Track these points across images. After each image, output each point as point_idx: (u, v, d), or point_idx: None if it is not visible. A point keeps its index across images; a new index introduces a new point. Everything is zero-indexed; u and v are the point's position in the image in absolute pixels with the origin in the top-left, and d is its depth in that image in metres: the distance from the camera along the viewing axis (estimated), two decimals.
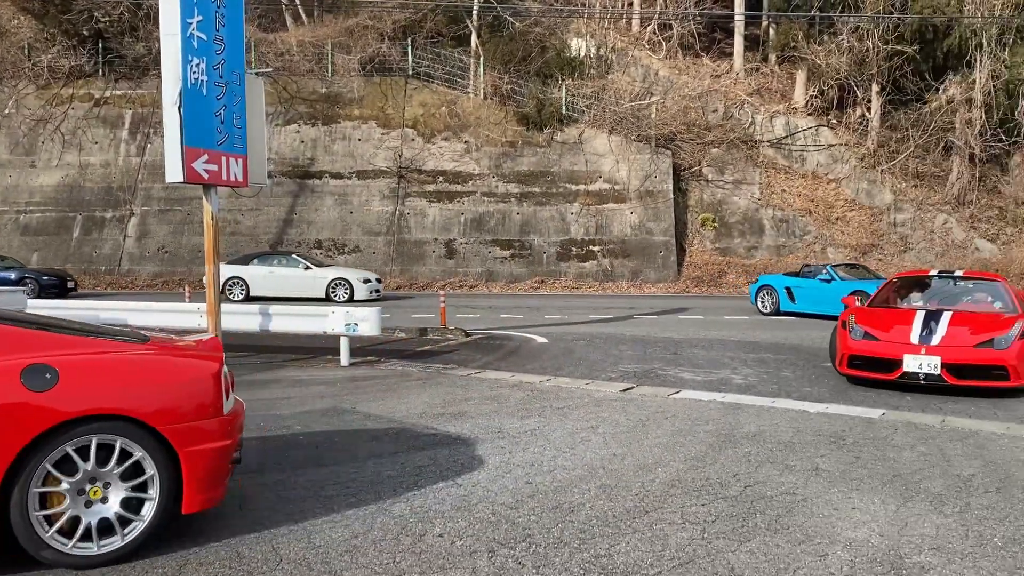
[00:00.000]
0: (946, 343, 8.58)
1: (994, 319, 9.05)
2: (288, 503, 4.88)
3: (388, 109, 28.49)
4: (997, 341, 8.50)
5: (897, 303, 10.25)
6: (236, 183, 10.71)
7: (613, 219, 27.79)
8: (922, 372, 8.48)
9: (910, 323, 9.01)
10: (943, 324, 8.84)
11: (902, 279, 11.09)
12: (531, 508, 4.78)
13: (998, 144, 29.44)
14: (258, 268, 21.67)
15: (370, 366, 10.72)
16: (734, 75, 32.66)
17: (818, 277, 17.78)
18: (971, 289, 10.26)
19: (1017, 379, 8.35)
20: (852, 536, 4.38)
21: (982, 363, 8.43)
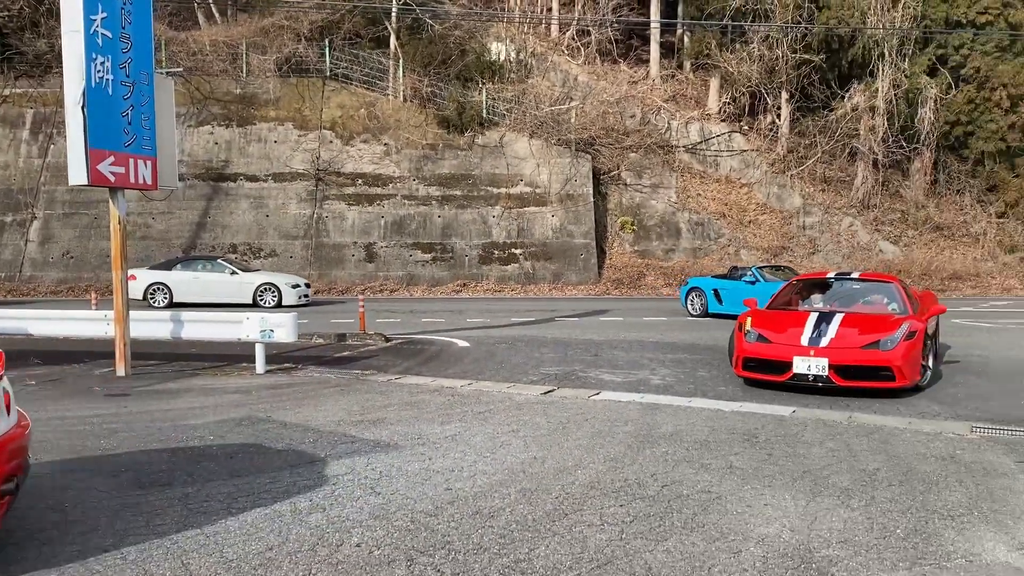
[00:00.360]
0: (834, 345, 8.69)
1: (884, 320, 9.15)
2: (199, 516, 4.73)
3: (305, 111, 28.00)
4: (883, 342, 8.59)
5: (796, 305, 10.37)
6: (145, 186, 10.36)
7: (534, 222, 27.95)
8: (811, 374, 8.59)
9: (802, 325, 9.11)
10: (834, 326, 8.96)
11: (801, 281, 11.25)
12: (451, 515, 4.75)
13: (899, 150, 30.81)
14: (182, 273, 21.08)
15: (287, 373, 10.50)
16: (651, 82, 33.29)
17: (743, 279, 17.90)
18: (867, 291, 10.40)
19: (903, 379, 8.48)
20: (764, 532, 4.49)
21: (868, 364, 8.52)
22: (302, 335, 13.36)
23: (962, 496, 5.18)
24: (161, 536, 4.38)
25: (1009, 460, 6.07)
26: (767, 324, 9.36)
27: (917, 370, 8.79)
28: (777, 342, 8.98)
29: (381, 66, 29.41)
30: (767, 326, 9.31)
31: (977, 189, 31.75)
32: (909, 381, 8.60)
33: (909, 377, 8.58)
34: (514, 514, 4.75)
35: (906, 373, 8.50)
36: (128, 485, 5.37)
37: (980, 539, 4.41)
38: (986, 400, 8.63)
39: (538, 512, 4.79)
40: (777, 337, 9.05)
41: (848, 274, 11.06)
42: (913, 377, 8.68)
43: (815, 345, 8.71)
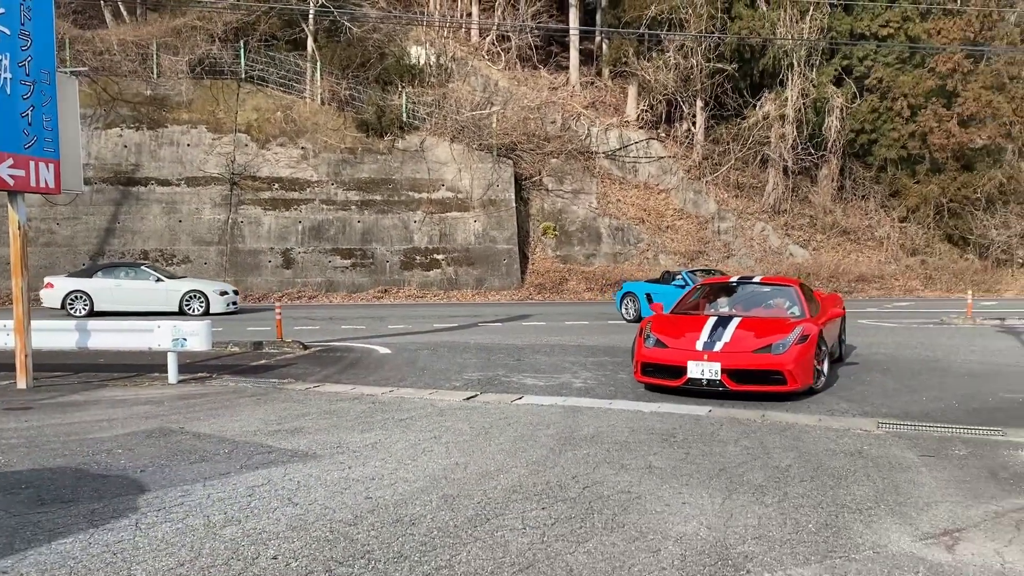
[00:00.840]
0: (727, 349, 8.66)
1: (779, 324, 9.12)
2: (105, 533, 4.53)
3: (220, 113, 27.31)
4: (775, 346, 8.57)
5: (702, 309, 10.37)
6: (47, 190, 9.92)
7: (457, 227, 27.90)
8: (704, 378, 8.56)
9: (700, 330, 9.07)
10: (730, 330, 8.95)
11: (706, 286, 11.29)
12: (371, 524, 4.67)
13: (808, 157, 31.93)
14: (103, 281, 20.39)
15: (200, 383, 10.19)
16: (570, 88, 33.67)
17: (673, 283, 17.80)
18: (768, 295, 10.45)
19: (794, 383, 8.47)
20: (683, 530, 4.56)
21: (759, 368, 8.50)
22: (217, 343, 13.03)
23: (869, 490, 5.37)
24: (64, 556, 4.18)
25: (912, 454, 6.33)
26: (666, 329, 9.35)
27: (810, 373, 8.78)
28: (673, 347, 8.96)
29: (298, 68, 28.92)
30: (666, 331, 9.29)
31: (881, 195, 33.15)
32: (801, 384, 8.59)
33: (801, 380, 8.57)
34: (435, 521, 4.71)
35: (798, 376, 8.50)
36: (29, 502, 5.11)
37: (886, 531, 4.58)
38: (891, 397, 8.99)
39: (459, 518, 4.76)
40: (674, 342, 9.03)
41: (751, 278, 11.17)
42: (806, 380, 8.68)
43: (709, 349, 8.69)
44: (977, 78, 30.71)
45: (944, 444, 6.68)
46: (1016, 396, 8.98)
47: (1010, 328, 16.80)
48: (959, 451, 6.44)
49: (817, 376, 9.02)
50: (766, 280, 11.08)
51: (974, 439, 6.88)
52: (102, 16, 32.04)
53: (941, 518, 4.81)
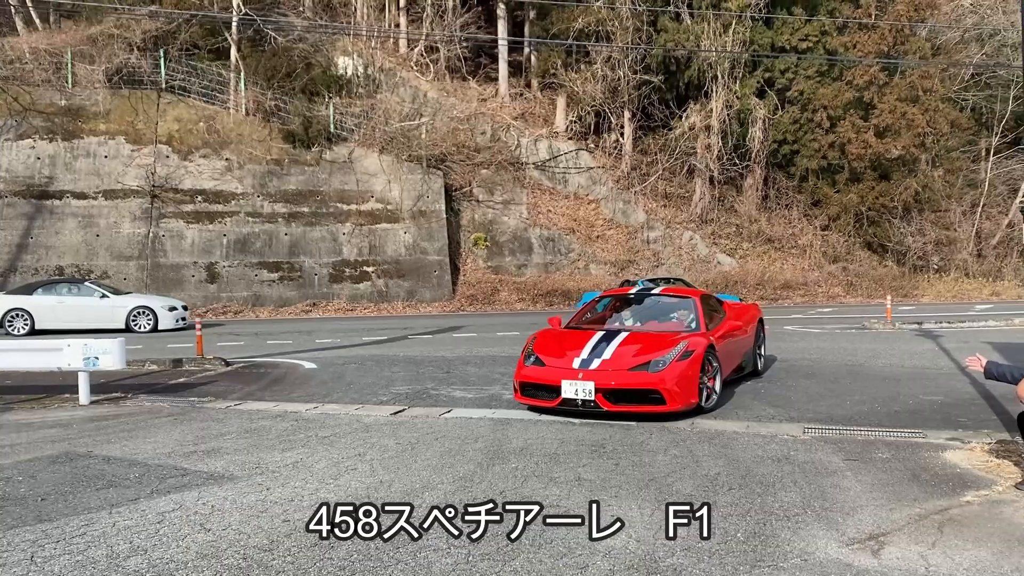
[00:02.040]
0: (603, 367, 8.06)
1: (665, 339, 8.49)
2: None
3: (139, 124, 26.44)
4: (653, 363, 7.96)
5: (602, 323, 9.72)
6: None
7: (387, 239, 27.56)
8: (579, 398, 7.94)
9: (582, 346, 8.45)
10: (612, 346, 8.36)
11: (605, 298, 10.70)
12: (287, 548, 4.45)
13: (733, 167, 32.59)
14: (44, 298, 19.67)
15: (114, 403, 9.73)
16: (500, 99, 33.70)
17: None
18: (666, 307, 9.91)
19: (674, 402, 7.84)
20: (611, 544, 4.46)
21: (633, 387, 7.88)
22: (134, 361, 12.53)
23: (796, 496, 5.37)
24: None
25: (838, 458, 6.38)
26: (548, 346, 8.71)
27: (693, 391, 8.06)
28: (551, 365, 8.34)
29: (221, 79, 28.23)
30: (547, 348, 8.65)
31: (803, 204, 34.04)
32: (682, 404, 7.92)
33: (682, 400, 7.91)
34: (355, 544, 4.50)
35: (677, 396, 7.85)
36: None
37: (814, 537, 4.56)
38: (816, 401, 9.11)
39: (381, 540, 4.56)
40: (552, 360, 8.40)
41: (650, 290, 10.74)
42: (687, 399, 8.00)
43: (585, 368, 8.10)
44: (892, 90, 31.82)
45: (868, 447, 6.76)
46: (935, 398, 9.20)
47: (927, 332, 17.33)
48: (882, 454, 6.52)
49: (705, 394, 8.33)
50: (667, 292, 10.67)
51: (896, 442, 6.99)
52: (13, 23, 30.79)
53: (866, 522, 4.83)
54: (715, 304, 10.29)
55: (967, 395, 9.38)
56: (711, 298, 10.43)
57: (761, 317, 11.25)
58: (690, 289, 10.79)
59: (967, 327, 18.52)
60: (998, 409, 8.38)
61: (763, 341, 11.32)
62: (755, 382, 10.49)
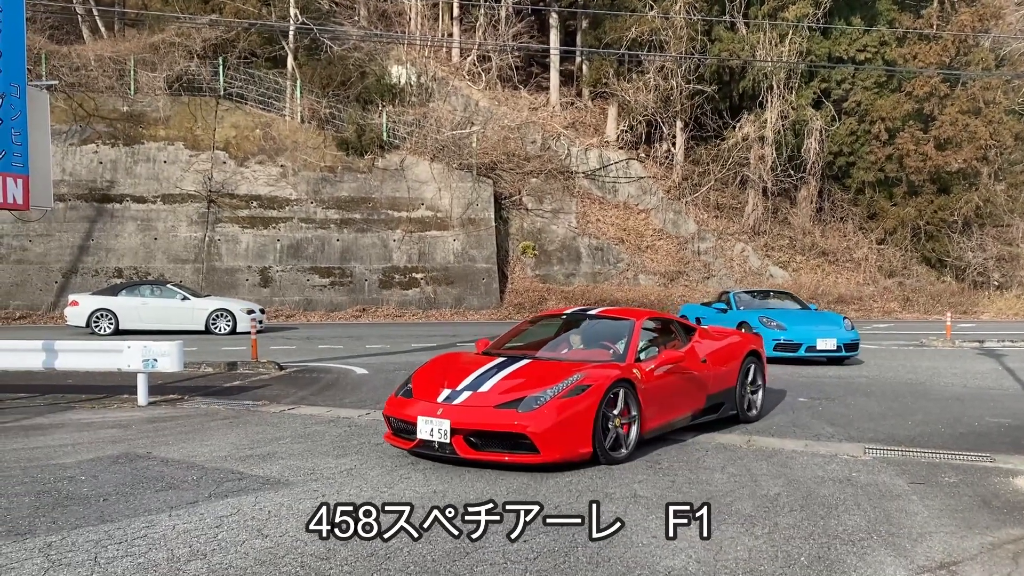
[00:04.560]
0: (470, 402, 6.57)
1: (561, 370, 6.87)
2: (61, 568, 4.27)
3: (197, 130, 27.00)
4: (527, 400, 6.37)
5: (522, 348, 8.25)
6: (15, 206, 9.64)
7: (436, 246, 27.71)
8: (436, 440, 6.44)
9: (467, 375, 6.99)
10: (499, 376, 6.90)
11: (537, 318, 9.26)
12: (344, 557, 4.45)
13: (787, 179, 32.11)
14: (128, 299, 20.22)
15: (171, 405, 9.90)
16: (550, 108, 33.71)
17: (714, 305, 16.50)
18: (599, 331, 8.19)
19: (549, 452, 6.22)
20: (671, 565, 4.38)
21: (494, 429, 6.33)
22: (190, 364, 12.73)
23: (861, 519, 5.21)
24: None
25: (902, 481, 6.19)
26: (432, 373, 7.22)
27: (583, 439, 6.39)
28: (417, 398, 6.87)
29: (278, 86, 28.71)
30: (429, 376, 7.17)
31: (859, 217, 33.38)
32: (561, 455, 6.27)
33: (561, 449, 6.27)
34: (412, 555, 4.49)
35: (552, 443, 6.21)
36: None
37: (881, 564, 4.42)
38: (876, 421, 8.87)
39: (437, 552, 4.54)
40: (423, 391, 6.91)
41: (587, 311, 8.87)
42: (572, 449, 6.35)
43: (449, 402, 6.61)
44: (953, 102, 31.07)
45: (933, 471, 6.55)
46: (1002, 421, 8.89)
47: (989, 351, 16.82)
48: (949, 478, 6.31)
49: (610, 442, 6.62)
50: (605, 313, 8.62)
51: (963, 465, 6.76)
52: (79, 31, 31.68)
53: (936, 550, 4.66)
54: (673, 329, 8.42)
55: None
56: (670, 322, 8.59)
57: (755, 349, 8.90)
58: (634, 310, 8.71)
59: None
60: None
61: (759, 379, 8.87)
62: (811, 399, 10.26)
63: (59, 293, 24.45)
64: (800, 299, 17.02)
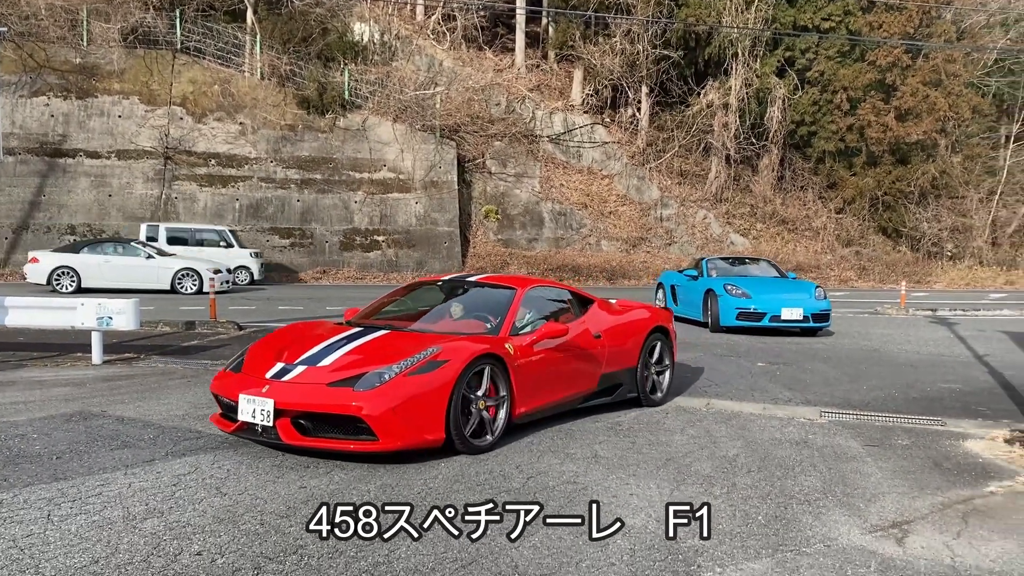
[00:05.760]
0: (303, 378, 5.62)
1: (414, 342, 5.98)
2: (14, 526, 4.17)
3: (153, 85, 26.29)
4: (367, 377, 5.44)
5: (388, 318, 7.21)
6: None
7: (398, 209, 27.46)
8: (259, 423, 5.49)
9: (313, 346, 6.07)
10: (347, 348, 6.00)
11: (413, 285, 8.18)
12: (305, 515, 4.41)
13: (750, 147, 32.30)
14: (91, 256, 19.81)
15: (127, 364, 9.72)
16: (516, 70, 33.39)
17: (685, 272, 15.87)
18: (476, 301, 7.30)
19: (390, 439, 5.29)
20: (631, 523, 4.41)
21: (324, 411, 5.38)
22: (148, 322, 12.53)
23: (817, 481, 5.31)
24: None
25: (857, 444, 6.32)
26: (275, 344, 6.29)
27: (435, 424, 5.47)
28: (246, 372, 5.91)
29: (237, 41, 28.01)
30: (270, 347, 6.24)
31: (819, 186, 33.78)
32: (405, 442, 5.36)
33: (405, 435, 5.34)
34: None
35: (395, 429, 5.29)
36: None
37: (836, 523, 4.51)
38: (832, 385, 9.03)
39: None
40: (256, 365, 5.96)
41: (466, 277, 7.86)
42: (419, 435, 5.41)
43: (279, 379, 5.67)
44: (915, 73, 31.42)
45: (887, 434, 6.70)
46: (953, 386, 9.11)
47: (942, 319, 17.22)
48: (902, 441, 6.45)
49: (473, 430, 5.75)
50: (486, 280, 7.64)
51: (915, 429, 6.91)
52: None
53: (889, 510, 4.77)
54: (566, 301, 7.52)
55: (985, 384, 9.29)
56: (563, 293, 7.67)
57: (662, 325, 7.94)
58: (521, 278, 7.80)
59: (981, 315, 18.39)
60: (1017, 399, 8.30)
61: (666, 358, 7.97)
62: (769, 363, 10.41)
63: (9, 250, 23.85)
64: (779, 267, 16.34)
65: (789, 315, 13.36)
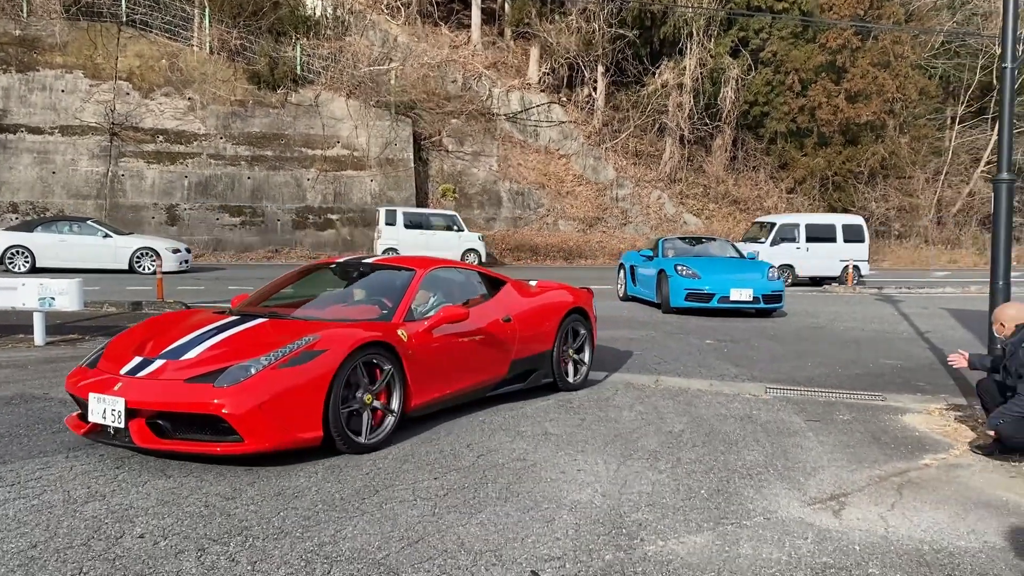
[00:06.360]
0: (159, 374, 5.03)
1: (298, 331, 5.34)
2: None
3: (98, 59, 25.55)
4: (231, 371, 4.87)
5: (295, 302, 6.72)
6: None
7: (352, 187, 27.18)
8: (110, 424, 4.89)
9: (181, 337, 5.48)
10: (218, 339, 5.40)
11: (308, 268, 7.52)
12: (250, 497, 4.38)
13: (704, 128, 32.57)
14: (45, 236, 19.32)
15: (71, 345, 9.51)
16: (472, 47, 33.15)
17: (642, 252, 15.76)
18: (371, 284, 6.82)
19: (257, 440, 4.72)
20: (577, 499, 4.47)
21: (183, 410, 4.78)
22: (93, 303, 12.28)
23: (759, 455, 5.43)
24: None
25: (799, 419, 6.46)
26: (138, 336, 5.71)
27: (306, 421, 4.91)
28: (102, 368, 5.30)
29: (185, 14, 27.33)
30: (131, 339, 5.67)
31: (770, 166, 34.23)
32: (274, 443, 4.79)
33: (274, 435, 4.77)
34: (320, 493, 4.46)
35: (262, 429, 4.72)
36: None
37: (776, 496, 4.62)
38: (778, 362, 9.21)
39: (346, 490, 4.52)
40: (112, 359, 5.38)
41: (363, 259, 7.40)
42: (291, 434, 4.85)
43: (134, 375, 5.06)
44: (865, 55, 31.91)
45: (829, 409, 6.86)
46: (894, 362, 9.35)
47: (887, 296, 17.62)
48: (843, 416, 6.62)
49: (358, 426, 5.24)
50: (384, 262, 7.25)
51: (856, 404, 7.10)
52: None
53: (828, 483, 4.90)
54: (474, 283, 7.11)
55: (925, 360, 9.56)
56: (470, 274, 7.29)
57: (579, 307, 7.53)
58: (422, 259, 7.16)
59: (925, 293, 18.87)
60: (955, 375, 8.55)
61: (585, 341, 7.62)
62: (718, 341, 10.58)
63: None
64: (737, 247, 16.33)
65: (738, 296, 13.15)
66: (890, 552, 3.88)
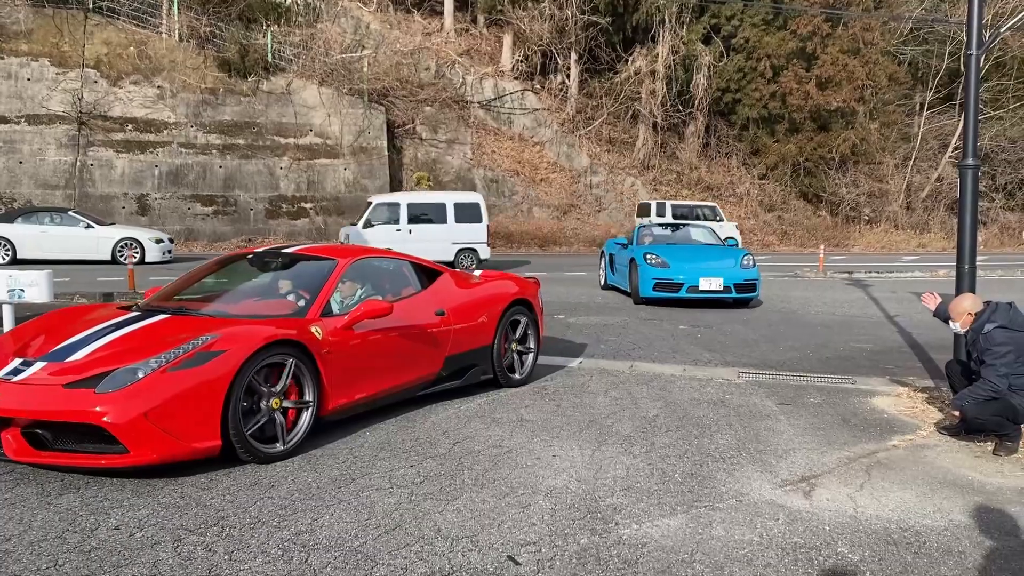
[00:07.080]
0: (37, 379, 4.60)
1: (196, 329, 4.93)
2: None
3: (64, 46, 25.10)
4: (115, 375, 4.43)
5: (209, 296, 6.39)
6: None
7: (326, 175, 27.00)
8: None
9: (72, 335, 5.05)
10: (111, 337, 4.96)
11: (227, 259, 7.01)
12: (226, 487, 4.39)
13: (676, 114, 32.70)
14: (26, 227, 18.98)
15: None
16: (445, 34, 32.99)
17: (617, 240, 15.34)
18: (296, 275, 6.25)
19: (142, 451, 4.29)
20: (553, 484, 4.52)
21: (61, 419, 4.34)
22: (63, 294, 12.12)
23: (732, 438, 5.51)
24: None
25: (771, 402, 6.56)
26: (29, 333, 5.34)
27: (203, 430, 4.47)
28: None
29: (153, 1, 26.91)
30: (16, 337, 5.32)
31: (743, 153, 34.46)
32: (163, 455, 4.37)
33: (164, 447, 4.35)
34: (296, 482, 4.47)
35: (148, 438, 4.30)
36: None
37: (748, 479, 4.69)
38: (750, 347, 9.32)
39: (323, 479, 4.54)
40: None
41: (282, 249, 6.81)
42: (184, 444, 4.42)
43: (10, 379, 4.64)
44: (835, 42, 32.15)
45: (800, 392, 6.97)
46: (864, 346, 9.50)
47: (857, 281, 17.85)
48: (814, 399, 6.73)
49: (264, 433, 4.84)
50: (304, 252, 6.54)
51: (827, 387, 7.21)
52: None
53: (798, 465, 4.99)
54: (405, 273, 6.59)
55: (894, 343, 9.71)
56: (401, 264, 6.71)
57: (523, 298, 7.14)
58: (346, 248, 7.13)
59: (895, 277, 19.14)
60: (923, 357, 8.71)
61: (529, 334, 7.26)
62: (692, 326, 10.67)
63: None
64: (716, 233, 15.59)
65: (708, 285, 12.46)
66: (859, 531, 3.97)
